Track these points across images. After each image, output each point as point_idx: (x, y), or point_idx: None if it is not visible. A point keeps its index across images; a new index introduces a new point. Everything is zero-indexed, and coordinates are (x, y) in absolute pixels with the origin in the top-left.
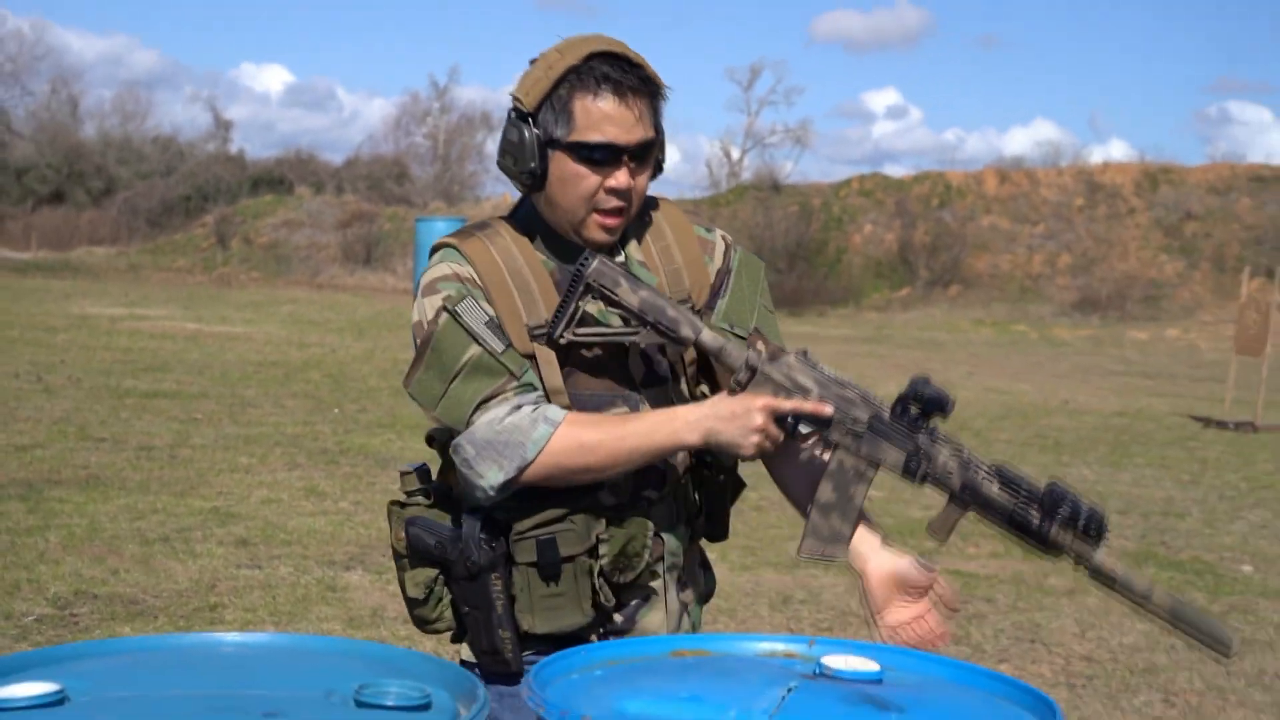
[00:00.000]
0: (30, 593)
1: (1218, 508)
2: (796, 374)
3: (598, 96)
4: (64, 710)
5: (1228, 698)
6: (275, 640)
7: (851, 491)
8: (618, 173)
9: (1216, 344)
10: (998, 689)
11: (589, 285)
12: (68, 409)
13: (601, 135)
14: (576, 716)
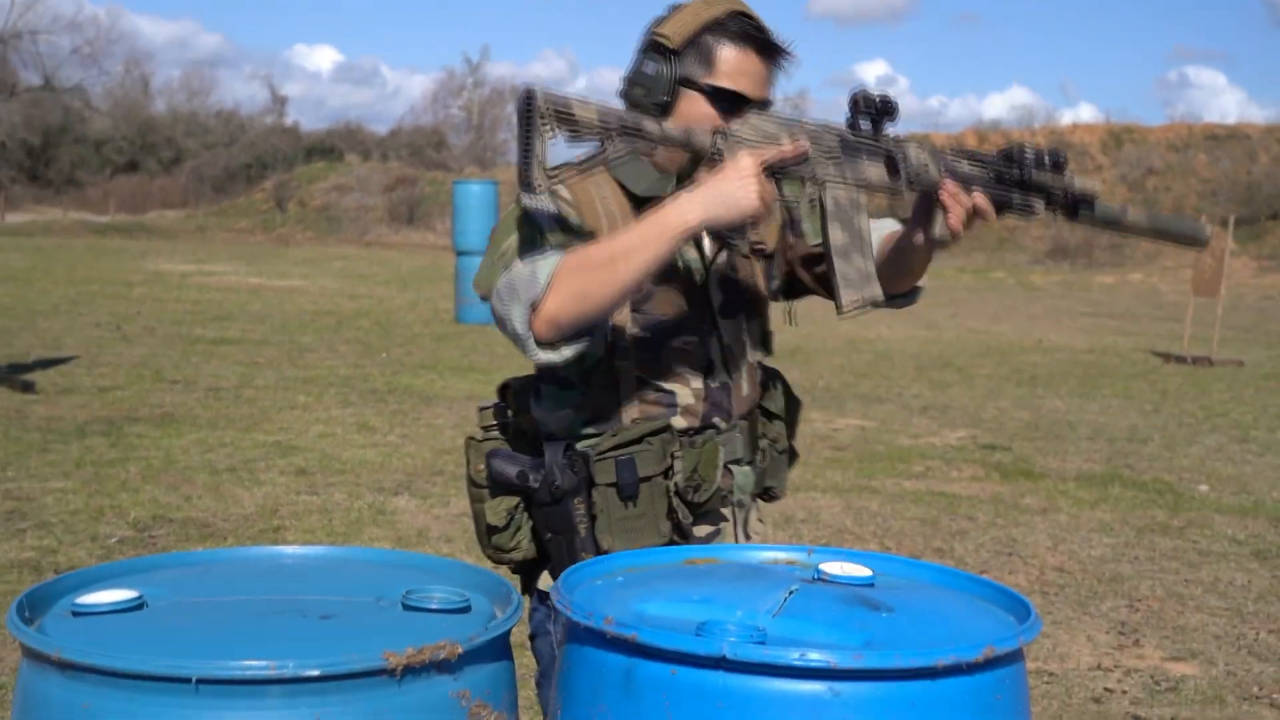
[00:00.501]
0: (113, 517)
1: (1177, 434)
2: (763, 124)
3: (741, 49)
4: (143, 614)
5: (1186, 603)
6: (330, 552)
7: (858, 224)
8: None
9: (1175, 287)
10: (978, 590)
11: (543, 115)
12: (144, 354)
13: (736, 85)
14: (600, 618)
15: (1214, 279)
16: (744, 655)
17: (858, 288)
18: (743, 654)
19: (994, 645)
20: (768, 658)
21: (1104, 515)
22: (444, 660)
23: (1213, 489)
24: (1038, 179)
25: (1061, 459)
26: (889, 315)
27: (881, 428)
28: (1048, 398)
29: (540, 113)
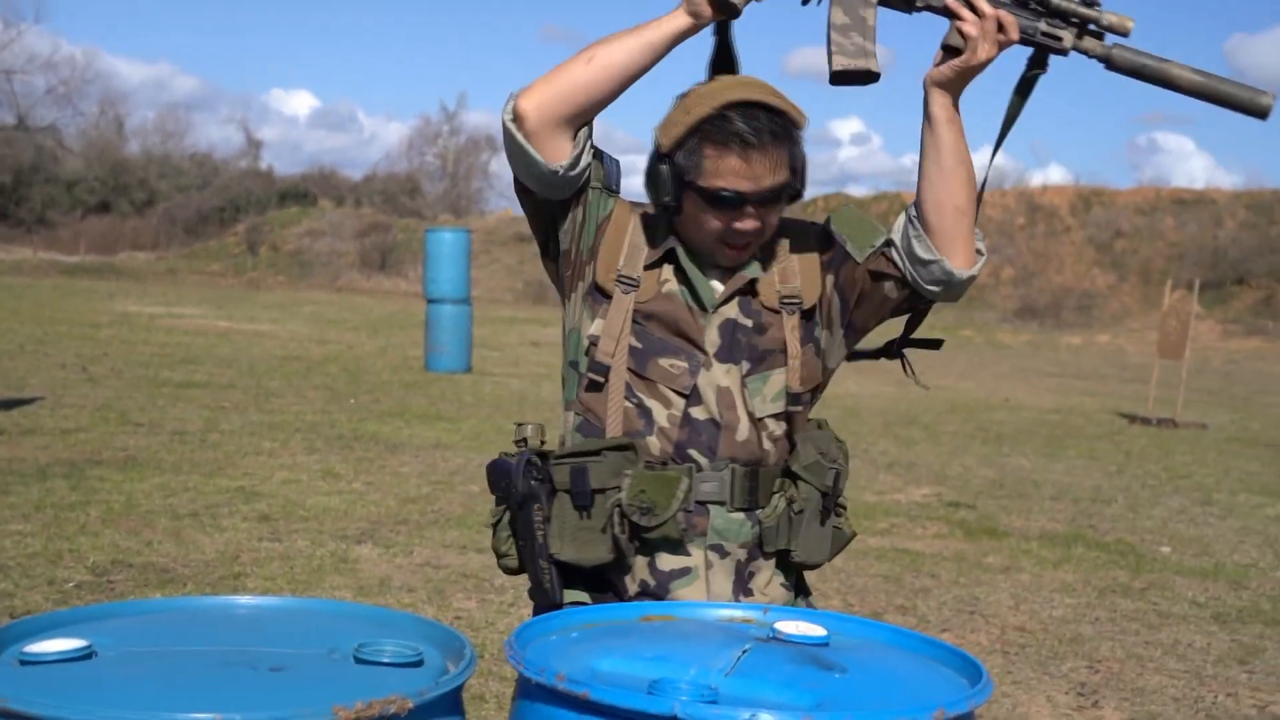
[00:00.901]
0: (71, 561)
1: (1140, 495)
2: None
3: (724, 153)
4: (91, 664)
5: (1146, 665)
6: (285, 603)
7: (862, 12)
8: (745, 220)
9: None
10: (931, 652)
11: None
12: (109, 396)
13: (727, 185)
14: (552, 674)
15: (1179, 342)
16: (695, 715)
17: (851, 56)
18: (694, 713)
19: (945, 708)
20: (719, 717)
21: (1066, 575)
22: (393, 715)
23: (1175, 551)
24: (1062, 5)
25: (1025, 518)
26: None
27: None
28: (1013, 456)
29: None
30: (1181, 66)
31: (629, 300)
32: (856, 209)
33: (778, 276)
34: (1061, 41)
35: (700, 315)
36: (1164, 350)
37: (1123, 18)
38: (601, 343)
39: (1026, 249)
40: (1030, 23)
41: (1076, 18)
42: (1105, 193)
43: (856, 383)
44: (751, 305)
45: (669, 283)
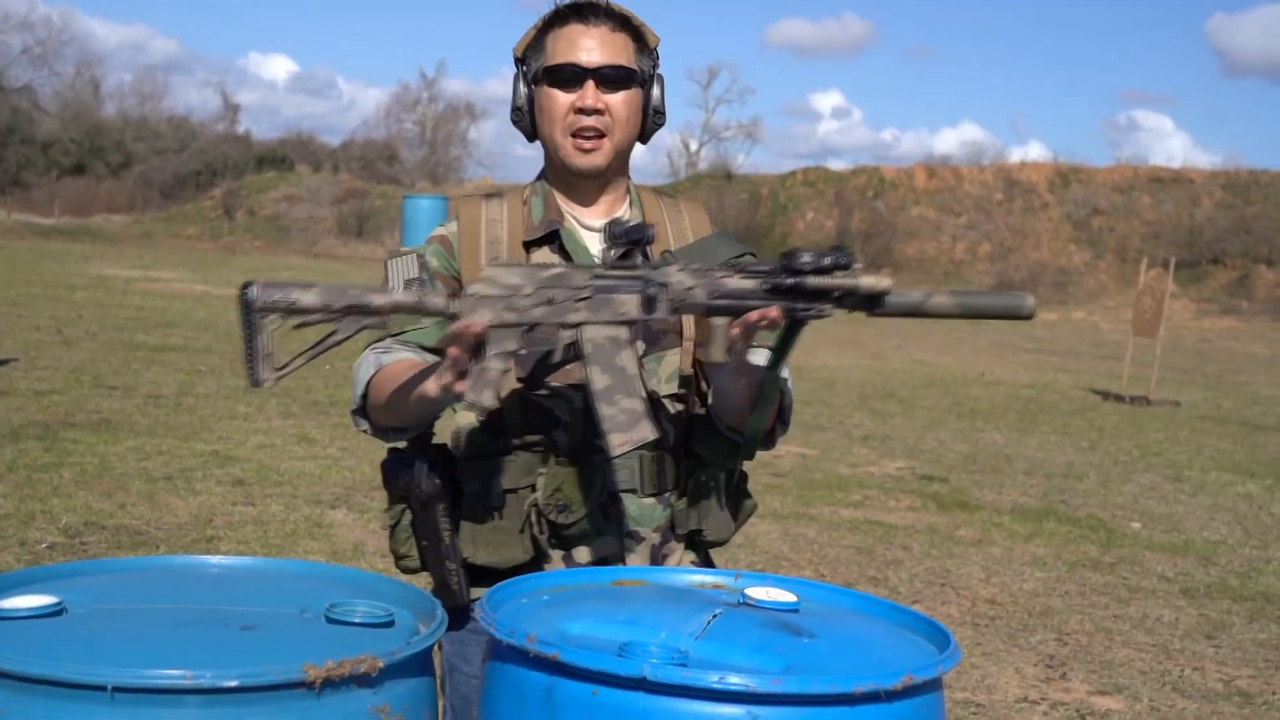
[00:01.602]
0: (44, 523)
1: (1112, 471)
2: (502, 277)
3: (564, 25)
4: (62, 620)
5: (1114, 638)
6: (256, 563)
7: (620, 363)
8: (585, 91)
9: (1116, 326)
10: (900, 619)
11: (262, 309)
12: (84, 359)
13: (565, 58)
14: (522, 636)
15: (1154, 320)
16: (664, 677)
17: (625, 429)
18: (663, 675)
19: (912, 674)
20: (688, 680)
21: (1037, 549)
22: (364, 674)
23: (1145, 527)
24: (818, 285)
25: (998, 492)
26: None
27: (822, 456)
28: (987, 431)
29: (259, 307)
30: (942, 294)
31: None
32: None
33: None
34: (823, 313)
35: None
36: (1138, 328)
37: (878, 278)
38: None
39: (1004, 225)
40: (787, 306)
41: (836, 291)
42: (1084, 170)
43: (834, 355)
44: None
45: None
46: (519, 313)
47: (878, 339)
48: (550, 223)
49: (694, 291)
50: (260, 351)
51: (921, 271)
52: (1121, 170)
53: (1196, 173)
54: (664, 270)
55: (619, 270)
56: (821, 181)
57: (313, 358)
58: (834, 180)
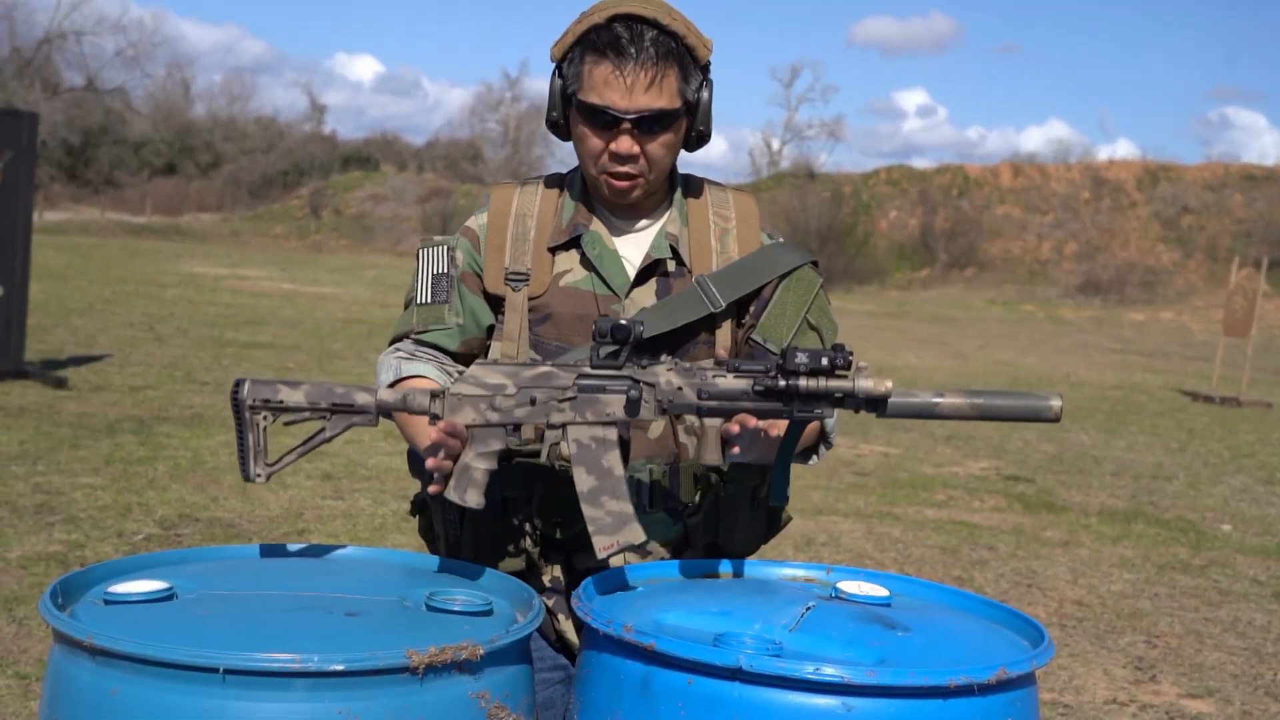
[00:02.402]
0: (140, 515)
1: (1202, 473)
2: (485, 377)
3: (600, 60)
4: (173, 604)
5: (1204, 641)
6: (358, 553)
7: (607, 464)
8: (619, 139)
9: (1206, 326)
10: (992, 614)
11: (252, 407)
12: (176, 355)
13: (600, 99)
14: (619, 626)
15: (1245, 320)
16: (759, 667)
17: (611, 532)
18: (758, 666)
19: (1006, 668)
20: (783, 670)
21: (1125, 551)
22: (465, 661)
23: (1236, 529)
24: (811, 388)
25: (1085, 493)
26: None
27: (905, 455)
28: (1073, 432)
29: (249, 405)
30: (957, 395)
31: (521, 297)
32: (813, 290)
33: (717, 260)
34: (821, 415)
35: (614, 301)
36: (1229, 328)
37: (878, 382)
38: (504, 346)
39: (1091, 224)
40: (779, 409)
41: (832, 395)
42: (1173, 168)
43: (916, 355)
44: (671, 290)
45: (570, 273)
46: (502, 413)
47: (960, 339)
48: (575, 226)
49: (682, 391)
50: (251, 449)
51: (1006, 271)
52: (1212, 168)
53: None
54: (651, 370)
55: (605, 369)
56: (905, 180)
57: (302, 454)
58: (918, 179)
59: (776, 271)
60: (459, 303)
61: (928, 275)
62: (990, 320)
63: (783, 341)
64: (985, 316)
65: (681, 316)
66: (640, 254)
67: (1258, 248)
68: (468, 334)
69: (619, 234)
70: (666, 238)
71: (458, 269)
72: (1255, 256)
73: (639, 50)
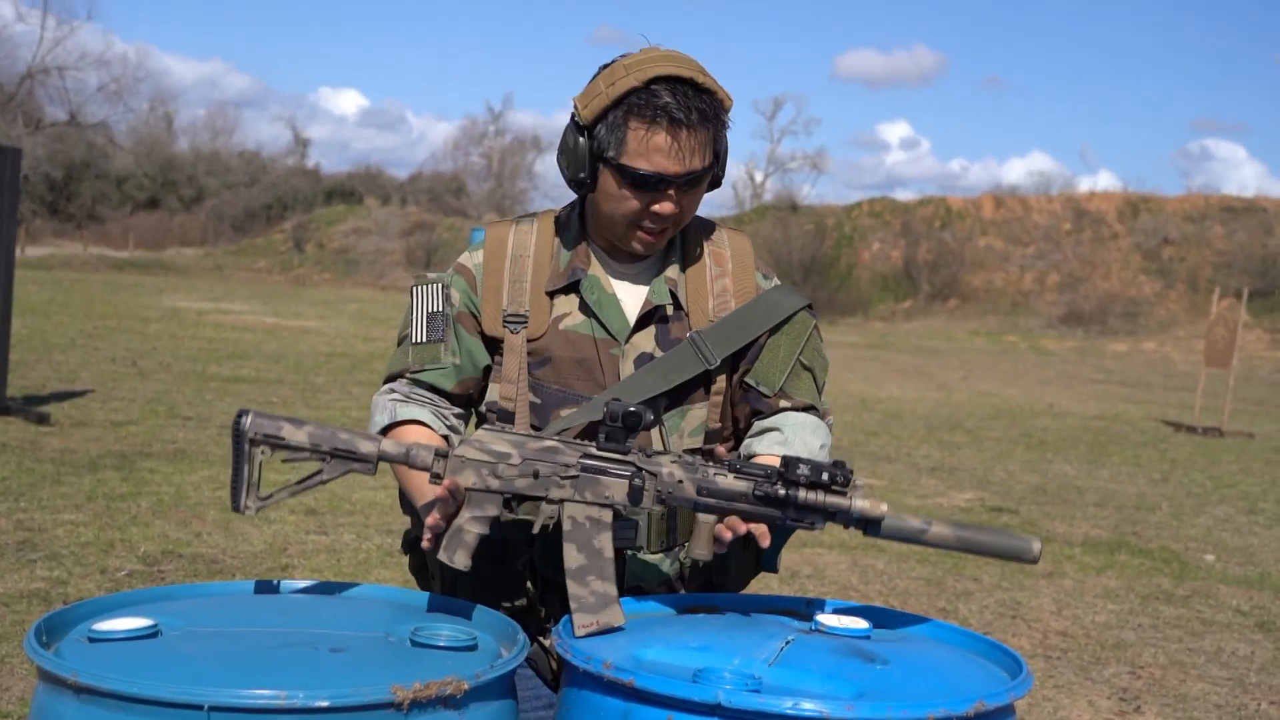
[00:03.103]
0: (123, 551)
1: (1185, 503)
2: (491, 444)
3: (652, 128)
4: (157, 641)
5: (1189, 672)
6: (342, 589)
7: (598, 545)
8: (664, 201)
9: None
10: (971, 645)
11: (253, 440)
12: (158, 390)
13: (651, 166)
14: (599, 662)
15: (1226, 350)
16: (738, 703)
17: (593, 612)
18: (737, 701)
19: (984, 700)
20: (761, 706)
21: (1109, 582)
22: (450, 696)
23: (1219, 559)
24: (808, 500)
25: (1069, 524)
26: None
27: (890, 487)
28: (1056, 462)
29: (249, 438)
30: (944, 525)
31: (520, 339)
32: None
33: (714, 303)
34: (813, 525)
35: (613, 346)
36: (1211, 359)
37: (874, 504)
38: (502, 389)
39: (1073, 255)
40: (773, 515)
41: (827, 510)
42: (1154, 199)
43: (899, 386)
44: (670, 335)
45: (568, 317)
46: (503, 481)
47: (943, 370)
48: (574, 270)
49: (683, 485)
50: (245, 480)
51: (989, 302)
52: (1193, 199)
53: (1270, 201)
54: (656, 460)
55: (610, 453)
56: (888, 212)
57: (295, 493)
58: (900, 211)
59: (770, 322)
60: (455, 342)
61: (910, 306)
62: (973, 351)
63: (775, 385)
64: (968, 347)
65: (676, 376)
66: (639, 297)
67: (1238, 278)
68: (464, 374)
69: (617, 276)
70: (666, 283)
71: (453, 308)
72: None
73: (688, 117)
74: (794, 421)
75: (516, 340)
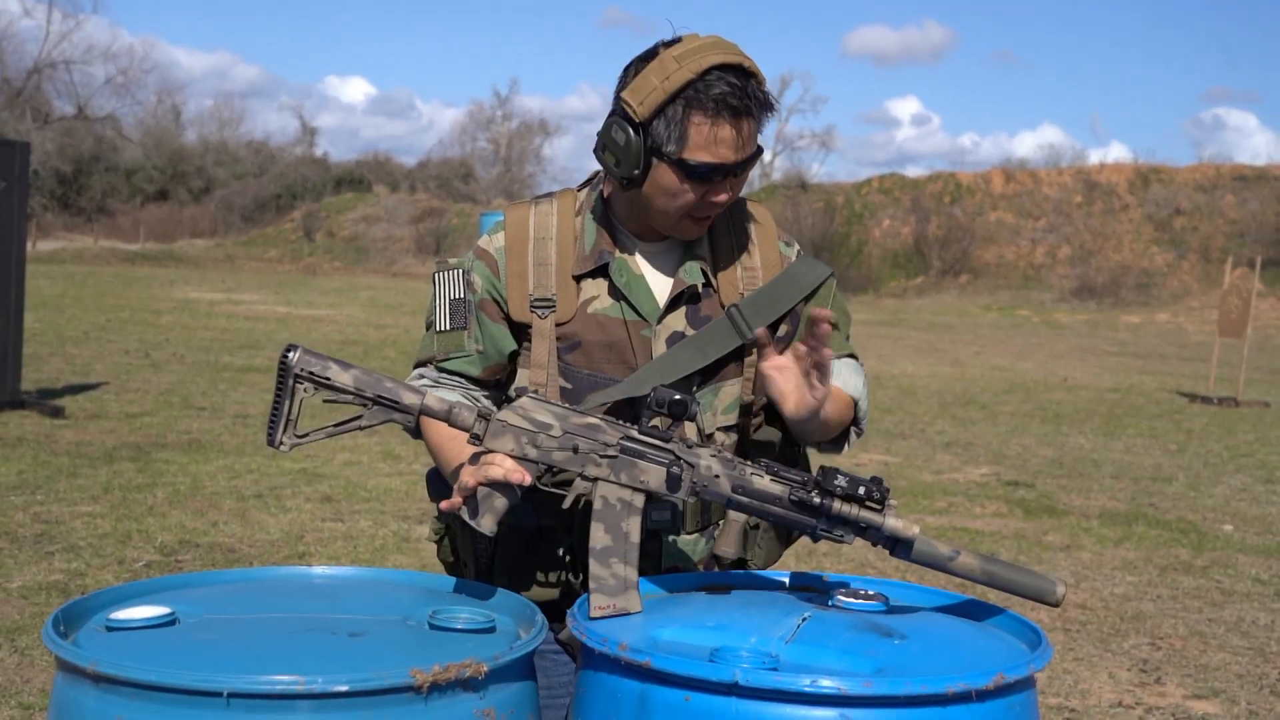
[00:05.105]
0: (140, 542)
1: (1202, 474)
2: (534, 412)
3: (715, 121)
4: (175, 629)
5: (1209, 642)
6: (359, 573)
7: (626, 528)
8: (721, 190)
9: (1202, 327)
10: (989, 618)
11: (298, 376)
12: (172, 381)
13: (714, 158)
14: (615, 644)
15: (1240, 320)
16: (756, 682)
17: (611, 594)
18: (755, 680)
19: (1004, 673)
20: (779, 684)
21: (1127, 553)
22: (470, 678)
23: (1237, 529)
24: (841, 512)
25: (1085, 497)
26: (912, 353)
27: (905, 463)
28: (1072, 435)
29: (295, 373)
30: (970, 555)
31: (548, 324)
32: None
33: (742, 278)
34: (842, 538)
35: (644, 328)
36: (1225, 329)
37: (907, 524)
38: (532, 374)
39: (1084, 227)
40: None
41: (859, 524)
42: (1164, 170)
43: (912, 363)
44: (700, 313)
45: (597, 300)
46: (541, 451)
47: (956, 345)
48: (601, 254)
49: (719, 481)
50: (284, 416)
51: (1000, 276)
52: (1203, 169)
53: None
54: (695, 451)
55: (652, 438)
56: (897, 189)
57: (333, 434)
58: (910, 187)
59: (803, 292)
60: (478, 329)
61: (922, 283)
62: (986, 326)
63: None
64: (981, 322)
65: (714, 351)
66: (667, 277)
67: (1251, 247)
68: (489, 360)
69: (645, 256)
70: (699, 261)
71: (475, 294)
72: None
73: (747, 106)
74: (838, 362)
75: (545, 325)
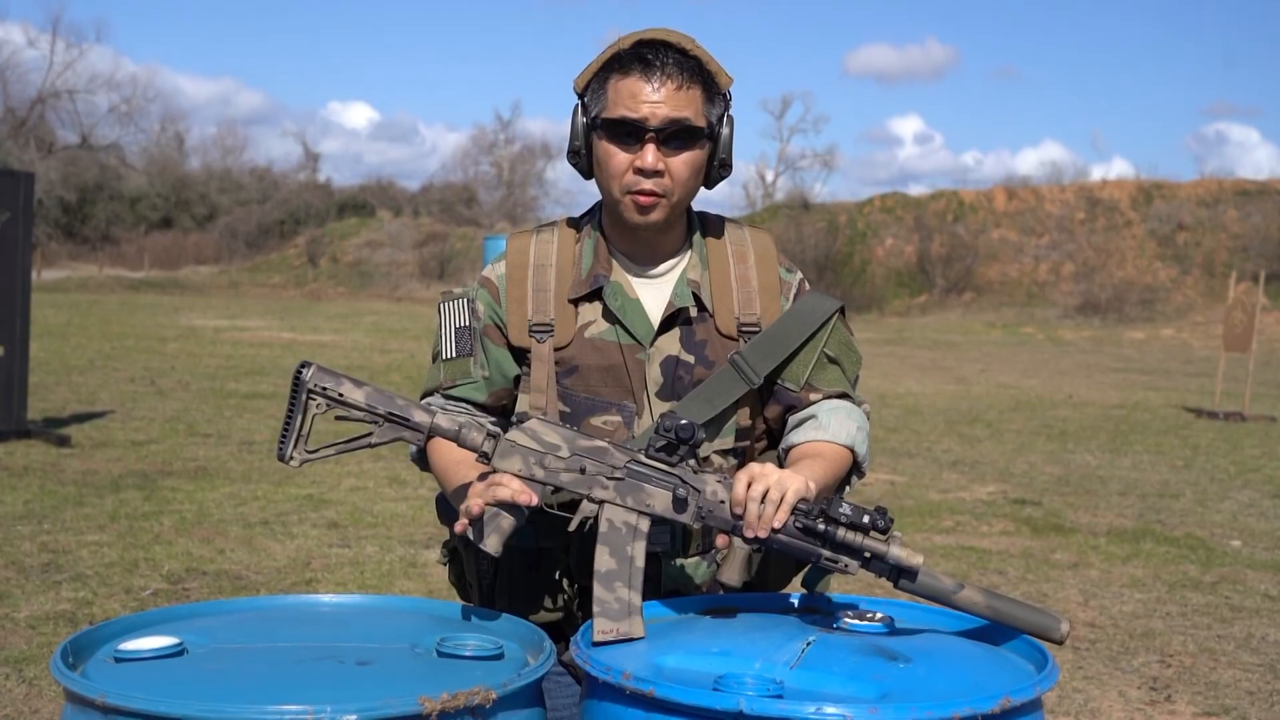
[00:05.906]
0: (147, 570)
1: (1209, 489)
2: (542, 434)
3: (627, 74)
4: (184, 660)
5: (1219, 659)
6: (367, 601)
7: (631, 551)
8: (644, 151)
9: (1207, 342)
10: (995, 638)
11: (310, 392)
12: (178, 409)
13: (626, 111)
14: (618, 673)
15: (1245, 334)
16: (760, 710)
17: (614, 619)
18: (759, 709)
19: (1010, 696)
20: (784, 712)
21: (1136, 570)
22: (478, 706)
23: (1245, 544)
24: (846, 540)
25: (1093, 514)
26: (916, 372)
27: (911, 482)
28: (1078, 453)
29: (308, 389)
30: (974, 589)
31: (547, 348)
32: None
33: (738, 302)
34: (846, 568)
35: (639, 351)
36: (1229, 343)
37: (910, 554)
38: (532, 398)
39: (1087, 244)
40: (810, 549)
41: (864, 552)
42: (1166, 185)
43: (917, 381)
44: (695, 337)
45: (593, 324)
46: (548, 472)
47: (961, 363)
48: (596, 278)
49: (724, 506)
50: (295, 431)
51: (1004, 294)
52: (1206, 184)
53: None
54: (701, 477)
55: (659, 462)
56: (900, 207)
57: (342, 451)
58: (912, 206)
59: (808, 330)
60: (483, 355)
61: (926, 301)
62: (990, 344)
63: (800, 379)
64: (985, 340)
65: (721, 401)
66: (662, 300)
67: (1255, 261)
68: (494, 385)
69: (639, 279)
70: (688, 284)
71: (479, 321)
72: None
73: (663, 64)
74: (829, 407)
75: (543, 349)
